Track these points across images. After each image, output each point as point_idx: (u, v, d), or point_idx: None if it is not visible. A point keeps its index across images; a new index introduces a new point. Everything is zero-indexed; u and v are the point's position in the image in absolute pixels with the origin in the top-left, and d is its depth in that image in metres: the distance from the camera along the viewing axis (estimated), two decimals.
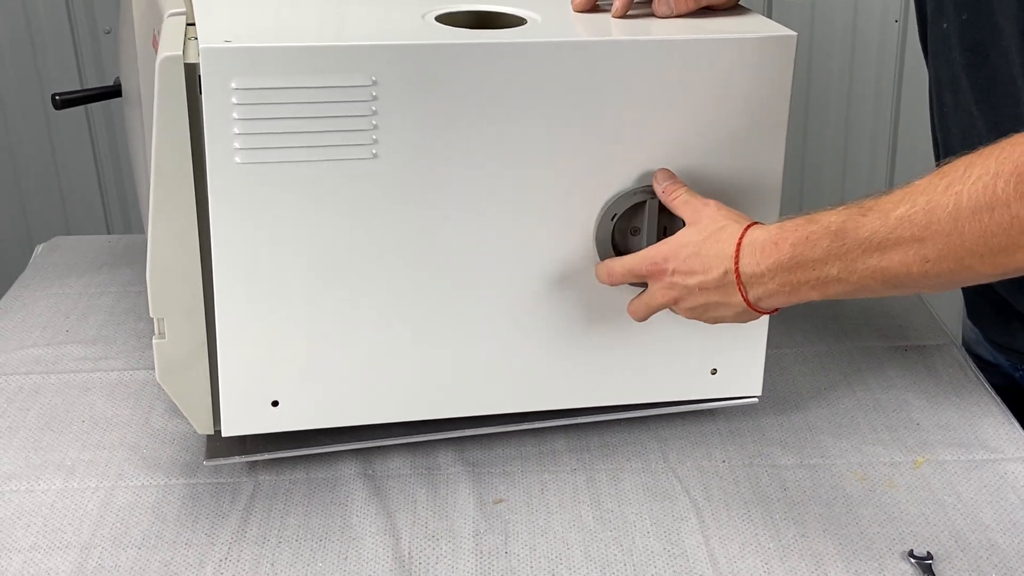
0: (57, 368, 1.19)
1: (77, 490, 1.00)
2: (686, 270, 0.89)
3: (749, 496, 1.00)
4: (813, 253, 0.82)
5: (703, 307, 0.90)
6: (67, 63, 2.06)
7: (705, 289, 0.89)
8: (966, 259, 0.76)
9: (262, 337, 0.94)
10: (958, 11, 0.96)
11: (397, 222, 0.93)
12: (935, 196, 0.77)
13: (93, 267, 1.41)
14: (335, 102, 0.88)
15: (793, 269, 0.84)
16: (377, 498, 1.00)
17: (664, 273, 0.91)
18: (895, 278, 0.80)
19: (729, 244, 0.87)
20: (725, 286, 0.88)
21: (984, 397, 1.13)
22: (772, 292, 0.85)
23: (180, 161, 0.88)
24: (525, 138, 0.93)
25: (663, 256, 0.91)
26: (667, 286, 0.91)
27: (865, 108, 2.14)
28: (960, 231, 0.75)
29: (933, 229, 0.77)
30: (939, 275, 0.78)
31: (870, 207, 0.81)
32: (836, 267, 0.82)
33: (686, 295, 0.90)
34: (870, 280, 0.81)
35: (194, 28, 0.91)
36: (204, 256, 0.91)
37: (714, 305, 0.89)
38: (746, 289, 0.86)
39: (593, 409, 1.06)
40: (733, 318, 0.90)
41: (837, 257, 0.81)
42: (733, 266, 0.86)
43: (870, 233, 0.80)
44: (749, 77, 0.94)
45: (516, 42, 0.91)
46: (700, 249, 0.89)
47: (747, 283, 0.86)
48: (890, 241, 0.79)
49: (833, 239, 0.81)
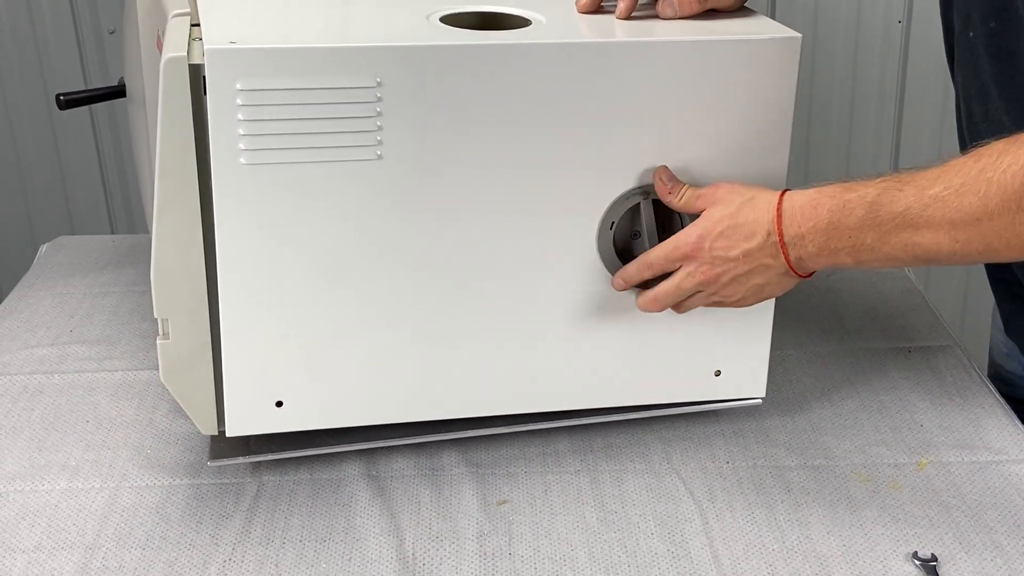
0: (61, 368, 1.19)
1: (81, 490, 1.00)
2: (726, 243, 0.90)
3: (753, 497, 1.00)
4: (849, 220, 0.85)
5: (746, 275, 0.91)
6: (71, 63, 2.06)
7: (749, 255, 0.90)
8: (994, 243, 0.80)
9: (266, 337, 0.94)
10: (985, 20, 0.95)
11: (401, 223, 0.93)
12: (968, 179, 0.79)
13: (97, 267, 1.41)
14: (339, 103, 0.88)
15: (830, 234, 0.86)
16: (381, 499, 1.00)
17: (701, 251, 0.91)
18: (925, 254, 0.83)
19: (767, 210, 0.89)
20: (767, 247, 0.89)
21: (988, 399, 1.13)
22: (812, 254, 0.88)
23: (184, 162, 0.88)
24: (530, 139, 0.92)
25: (698, 235, 0.91)
26: (707, 263, 0.91)
27: (868, 109, 2.14)
28: (989, 217, 0.79)
29: (964, 212, 0.80)
30: (967, 255, 0.81)
31: (907, 181, 0.83)
32: (870, 236, 0.84)
33: (729, 268, 0.91)
34: (901, 252, 0.84)
35: (198, 29, 0.91)
36: (208, 256, 0.91)
37: (757, 270, 0.90)
38: (788, 251, 0.88)
39: (597, 410, 1.06)
40: (775, 284, 0.91)
41: (872, 227, 0.84)
42: (776, 228, 0.88)
43: (904, 208, 0.82)
44: (754, 79, 0.94)
45: (521, 43, 0.91)
46: (736, 220, 0.90)
47: (789, 244, 0.88)
48: (923, 219, 0.81)
49: (868, 209, 0.84)
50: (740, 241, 0.90)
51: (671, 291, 0.95)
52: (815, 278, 1.35)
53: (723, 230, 0.90)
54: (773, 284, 0.92)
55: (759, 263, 0.90)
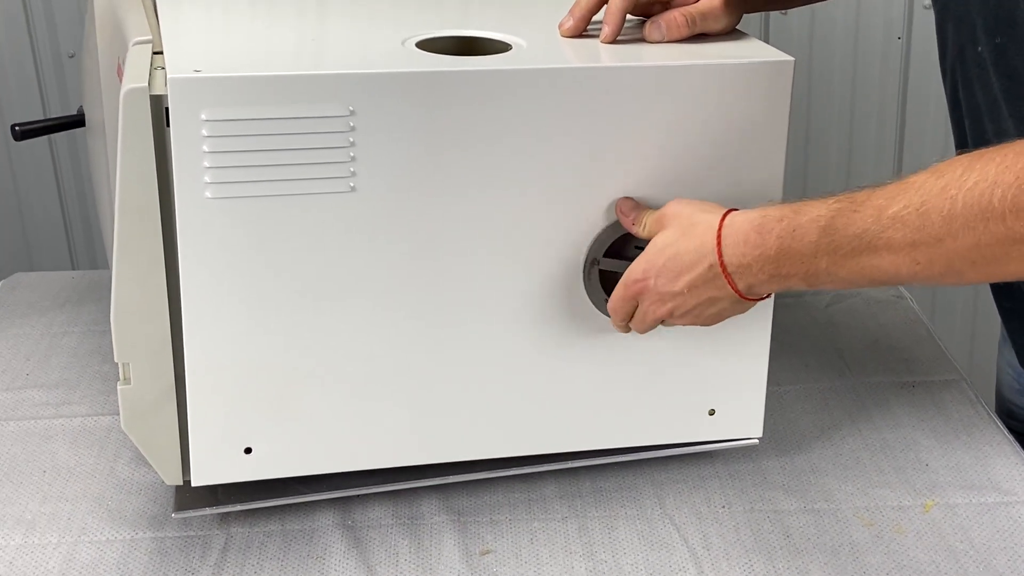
0: (16, 415, 1.18)
1: (37, 546, 1.00)
2: (668, 277, 0.90)
3: (750, 544, 0.99)
4: (800, 246, 0.84)
5: (698, 308, 0.91)
6: (29, 88, 2.06)
7: (695, 287, 0.89)
8: (956, 264, 0.78)
9: (233, 380, 0.94)
10: (991, 34, 0.95)
11: (376, 258, 0.93)
12: (930, 197, 0.78)
13: (55, 305, 1.40)
14: (311, 133, 0.88)
15: (780, 261, 0.85)
16: (357, 550, 0.99)
17: (647, 289, 0.91)
18: (883, 276, 0.82)
19: (708, 236, 0.88)
20: (713, 279, 0.88)
21: (996, 436, 1.13)
22: (762, 281, 0.87)
23: (146, 197, 0.88)
24: (511, 169, 0.93)
25: (641, 270, 0.91)
26: (656, 299, 0.91)
27: (869, 129, 2.15)
28: (953, 237, 0.77)
29: (926, 232, 0.78)
30: (929, 277, 0.80)
31: (862, 201, 0.82)
32: (824, 261, 0.83)
33: (679, 302, 0.91)
34: (858, 276, 0.83)
35: (161, 57, 0.92)
36: (172, 296, 0.91)
37: (708, 302, 0.90)
38: (734, 280, 0.88)
39: (584, 453, 1.06)
40: (732, 309, 0.91)
41: (826, 252, 0.83)
42: (717, 259, 0.87)
43: (861, 231, 0.81)
44: (744, 104, 0.95)
45: (501, 69, 0.92)
46: (678, 249, 0.89)
47: (734, 274, 0.87)
48: (881, 241, 0.80)
49: (822, 234, 0.83)
50: (682, 273, 0.89)
51: (640, 324, 0.95)
52: (812, 310, 1.36)
53: (664, 262, 0.90)
54: (729, 309, 0.91)
55: (705, 296, 0.89)
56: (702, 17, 0.99)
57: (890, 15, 2.07)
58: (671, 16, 0.98)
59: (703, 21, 0.99)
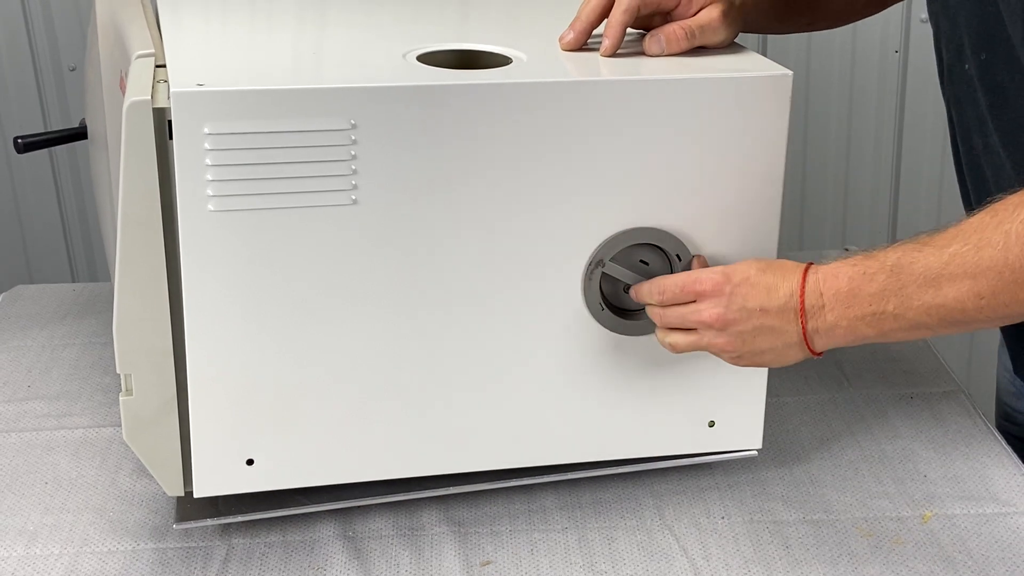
0: (18, 426, 1.18)
1: (39, 557, 1.00)
2: (747, 291, 0.91)
3: (750, 555, 1.00)
4: (870, 287, 0.86)
5: (753, 333, 0.91)
6: (30, 101, 2.07)
7: (765, 312, 0.90)
8: (1020, 293, 0.81)
9: (236, 392, 0.94)
10: (976, 51, 0.97)
11: (378, 270, 0.94)
12: (986, 233, 0.82)
13: (56, 317, 1.41)
14: (312, 147, 0.89)
15: (851, 303, 0.87)
16: (357, 561, 0.99)
17: (721, 292, 0.91)
18: (951, 314, 0.84)
19: (794, 273, 0.90)
20: (786, 312, 0.90)
21: (995, 447, 1.14)
22: (829, 325, 0.88)
23: (148, 209, 0.88)
24: (512, 182, 0.93)
25: (723, 274, 0.92)
26: (722, 306, 0.91)
27: (866, 142, 2.16)
28: (1011, 267, 0.80)
29: (984, 265, 0.81)
30: (994, 310, 0.82)
31: (925, 242, 0.85)
32: (892, 303, 0.85)
33: (742, 317, 0.91)
34: (926, 317, 0.85)
35: (163, 70, 0.92)
36: (174, 308, 0.91)
37: (767, 331, 0.90)
38: (807, 319, 0.89)
39: (584, 464, 1.06)
40: (781, 352, 0.91)
41: (893, 293, 0.85)
42: (799, 290, 0.89)
43: (924, 268, 0.84)
44: (744, 117, 0.95)
45: (501, 83, 0.92)
46: (763, 275, 0.91)
47: (809, 312, 0.89)
48: (944, 276, 0.83)
49: (889, 275, 0.85)
50: (761, 294, 0.90)
51: (677, 319, 0.94)
52: None
53: (747, 278, 0.91)
54: (777, 351, 0.92)
55: (772, 324, 0.90)
56: (701, 30, 1.00)
57: (887, 29, 2.08)
58: (670, 29, 0.99)
59: (702, 34, 1.00)
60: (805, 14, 1.20)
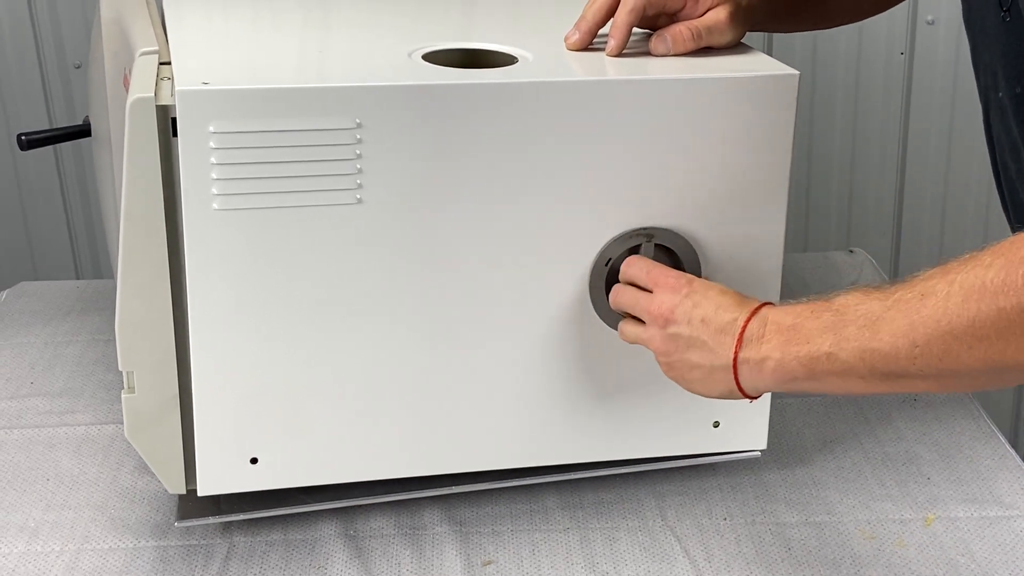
0: (20, 423, 1.18)
1: (40, 553, 1.00)
2: (701, 300, 0.90)
3: (752, 556, 1.00)
4: (812, 324, 0.84)
5: (688, 341, 0.90)
6: (35, 99, 2.07)
7: (706, 324, 0.89)
8: (954, 348, 0.77)
9: (240, 390, 0.94)
10: (1010, 83, 0.96)
11: (382, 270, 0.93)
12: (931, 282, 0.79)
13: (60, 314, 1.40)
14: (317, 145, 0.89)
15: (789, 337, 0.84)
16: (359, 560, 0.99)
17: (679, 291, 0.91)
18: (884, 361, 0.80)
19: (750, 304, 0.88)
20: (724, 333, 0.88)
21: (998, 450, 1.13)
22: (762, 356, 0.85)
23: (152, 208, 0.88)
24: (517, 181, 0.93)
25: (689, 279, 0.92)
26: (675, 302, 0.91)
27: (871, 143, 2.16)
28: (948, 315, 0.77)
29: (925, 313, 0.78)
30: (927, 362, 0.78)
31: (875, 288, 0.83)
32: (829, 341, 0.82)
33: (684, 321, 0.90)
34: (859, 362, 0.81)
35: (167, 67, 0.92)
36: (177, 306, 0.91)
37: (700, 346, 0.89)
38: (742, 345, 0.87)
39: (587, 465, 1.06)
40: (704, 373, 0.89)
41: (831, 331, 0.82)
42: (745, 318, 0.87)
43: (867, 311, 0.81)
44: (749, 117, 0.95)
45: (507, 82, 0.92)
46: (723, 296, 0.90)
47: (746, 340, 0.87)
48: (883, 320, 0.80)
49: (834, 314, 0.83)
50: (711, 307, 0.89)
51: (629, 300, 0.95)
52: None
53: (708, 289, 0.90)
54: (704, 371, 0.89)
55: (707, 340, 0.88)
56: (707, 31, 0.99)
57: (893, 31, 2.08)
58: (677, 30, 0.99)
59: (708, 35, 0.99)
60: (811, 13, 1.19)
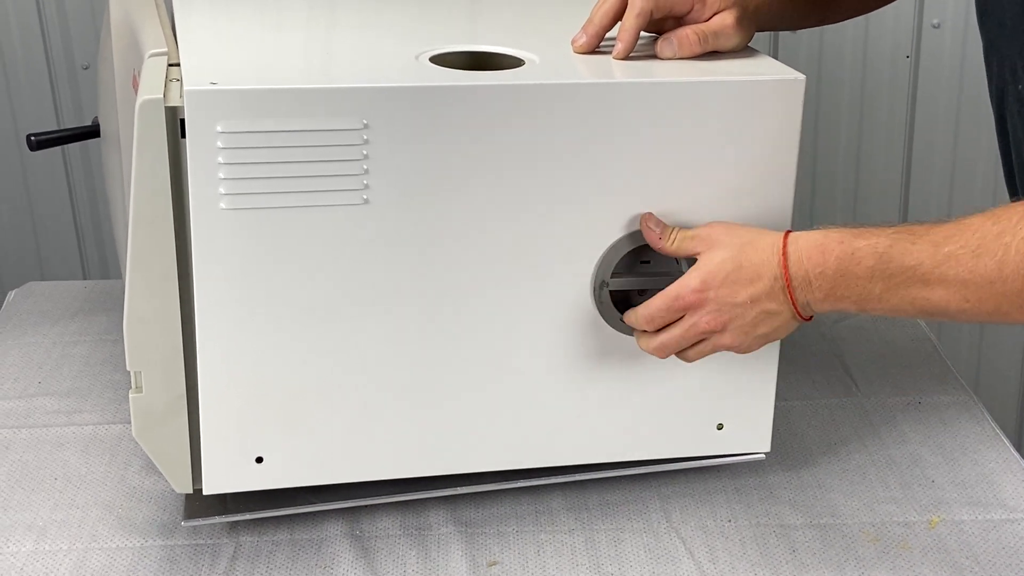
0: (28, 422, 1.18)
1: (48, 552, 1.00)
2: (730, 289, 0.91)
3: (756, 558, 0.99)
4: (858, 269, 0.87)
5: (754, 323, 0.91)
6: (43, 99, 2.07)
7: (757, 300, 0.90)
8: (1004, 306, 0.82)
9: (246, 390, 0.94)
10: None
11: (388, 270, 0.93)
12: (985, 241, 0.82)
13: (68, 314, 1.41)
14: (324, 146, 0.89)
15: (837, 281, 0.88)
16: (365, 560, 0.99)
17: (705, 300, 0.91)
18: (932, 308, 0.85)
19: (772, 253, 0.90)
20: (776, 293, 0.90)
21: (1003, 453, 1.13)
22: (817, 299, 0.90)
23: (160, 208, 0.88)
24: (523, 183, 0.93)
25: (700, 281, 0.91)
26: (713, 312, 0.91)
27: (876, 147, 2.15)
28: (1003, 280, 0.81)
29: (978, 273, 0.82)
30: (976, 315, 0.83)
31: (921, 235, 0.85)
32: (879, 287, 0.86)
33: (737, 314, 0.91)
34: (908, 306, 0.86)
35: (176, 69, 0.92)
36: (184, 306, 0.91)
37: (765, 315, 0.91)
38: (796, 294, 0.90)
39: (592, 466, 1.06)
40: (780, 329, 0.93)
41: (881, 278, 0.86)
42: (782, 271, 0.89)
43: (916, 263, 0.85)
44: (757, 121, 0.95)
45: (513, 84, 0.92)
46: (739, 263, 0.90)
47: (796, 288, 0.89)
48: (935, 276, 0.84)
49: (879, 260, 0.86)
50: (745, 285, 0.90)
51: (676, 340, 0.94)
52: (820, 326, 1.36)
53: (727, 274, 0.91)
54: (779, 329, 0.93)
55: (764, 308, 0.91)
56: (714, 35, 0.99)
57: (898, 35, 2.07)
58: (683, 33, 0.99)
59: (715, 39, 0.99)
60: (818, 14, 1.19)
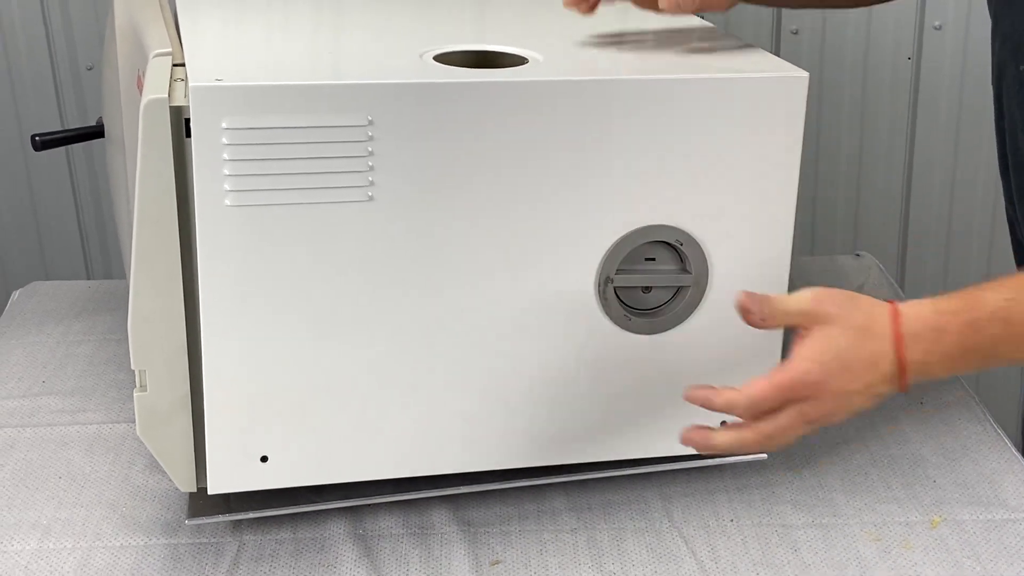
0: (33, 421, 1.18)
1: (52, 551, 1.00)
2: (850, 377, 0.86)
3: (758, 558, 0.99)
4: (981, 340, 0.84)
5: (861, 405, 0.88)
6: (47, 100, 2.07)
7: (872, 386, 0.87)
8: None
9: (251, 389, 0.94)
10: None
11: (393, 267, 0.94)
12: None
13: (72, 314, 1.41)
14: (329, 142, 0.89)
15: (964, 358, 0.85)
16: (368, 559, 0.99)
17: (824, 391, 0.86)
18: None
19: (887, 337, 0.86)
20: (889, 378, 0.87)
21: (1004, 453, 1.13)
22: (936, 375, 0.87)
23: (164, 207, 0.88)
24: (527, 179, 0.93)
25: (820, 373, 0.86)
26: (829, 401, 0.86)
27: (878, 148, 2.16)
28: None
29: None
30: None
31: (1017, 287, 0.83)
32: (1006, 349, 0.84)
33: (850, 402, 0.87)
34: None
35: (180, 69, 0.92)
36: (188, 305, 0.92)
37: (872, 398, 0.88)
38: (909, 379, 0.87)
39: (594, 465, 1.06)
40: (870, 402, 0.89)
41: (1006, 342, 0.84)
42: (898, 358, 0.86)
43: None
44: (760, 119, 0.95)
45: (517, 81, 0.92)
46: (858, 352, 0.86)
47: (912, 373, 0.86)
48: None
49: (1003, 326, 0.84)
50: (863, 373, 0.86)
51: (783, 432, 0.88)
52: None
53: (846, 363, 0.86)
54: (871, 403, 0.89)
55: (876, 392, 0.87)
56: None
57: (900, 36, 2.08)
58: None
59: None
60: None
